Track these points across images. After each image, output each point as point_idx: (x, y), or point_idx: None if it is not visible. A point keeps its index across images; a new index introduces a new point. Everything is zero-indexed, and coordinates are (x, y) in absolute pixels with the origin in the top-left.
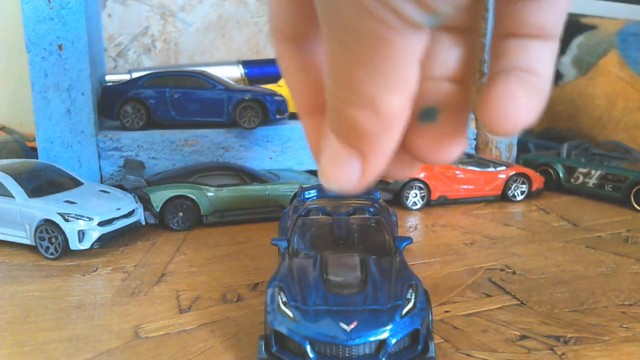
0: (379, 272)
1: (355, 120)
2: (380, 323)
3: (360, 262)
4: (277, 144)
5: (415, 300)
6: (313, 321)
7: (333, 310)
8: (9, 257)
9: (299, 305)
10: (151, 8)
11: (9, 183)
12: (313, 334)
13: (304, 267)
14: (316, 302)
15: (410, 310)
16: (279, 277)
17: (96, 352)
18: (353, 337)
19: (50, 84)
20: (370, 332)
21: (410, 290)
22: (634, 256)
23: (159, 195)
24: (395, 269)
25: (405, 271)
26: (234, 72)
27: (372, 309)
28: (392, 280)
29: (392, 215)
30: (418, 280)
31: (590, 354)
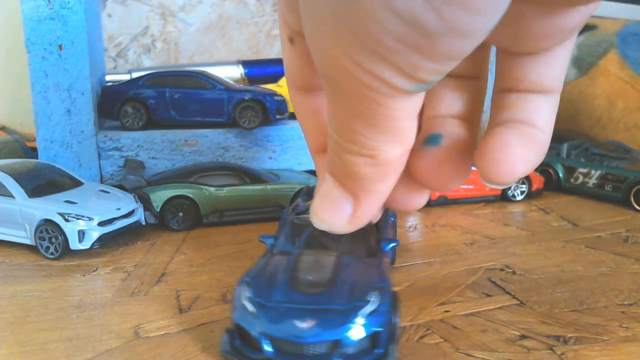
0: (350, 273)
1: (353, 166)
2: (336, 323)
3: (335, 262)
4: (277, 144)
5: (379, 303)
6: (272, 317)
7: (293, 308)
8: (9, 257)
9: (262, 302)
10: (151, 8)
11: (9, 183)
12: (270, 330)
13: (277, 265)
14: (279, 300)
15: (371, 312)
16: (251, 273)
17: (96, 351)
18: (308, 336)
19: (50, 84)
20: (326, 332)
21: (375, 293)
22: (633, 256)
23: (159, 195)
24: (368, 271)
25: (377, 273)
26: (234, 72)
27: (331, 309)
28: (359, 282)
29: (390, 216)
30: (387, 283)
31: (589, 354)
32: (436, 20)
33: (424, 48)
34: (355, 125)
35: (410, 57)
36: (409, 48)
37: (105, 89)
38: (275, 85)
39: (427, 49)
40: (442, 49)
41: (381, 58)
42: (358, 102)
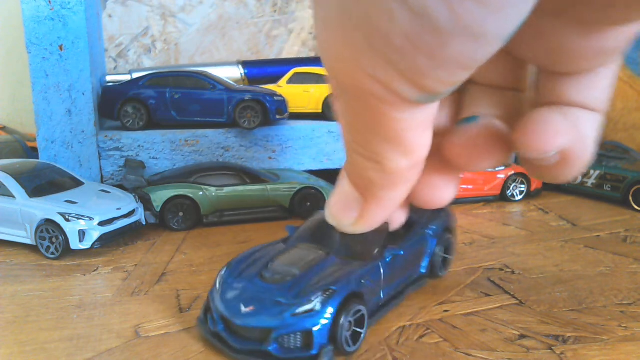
0: (318, 272)
1: (361, 169)
2: (271, 314)
3: (314, 260)
4: (277, 144)
5: (318, 305)
6: (226, 297)
7: (246, 292)
8: (9, 256)
9: (228, 282)
10: (151, 9)
11: (9, 183)
12: (221, 307)
13: (266, 252)
14: (240, 283)
15: (306, 311)
16: (242, 255)
17: (97, 351)
18: (243, 319)
19: (51, 84)
20: (259, 320)
21: (319, 294)
22: (632, 256)
23: (160, 195)
24: (335, 273)
25: (341, 277)
26: (234, 72)
27: (274, 301)
28: (317, 282)
29: (430, 229)
30: (344, 289)
31: (589, 353)
32: (447, 13)
33: (433, 49)
34: (360, 128)
35: (417, 60)
36: (416, 48)
37: (106, 89)
38: (275, 85)
39: (435, 51)
40: (452, 52)
41: (386, 61)
42: (362, 107)
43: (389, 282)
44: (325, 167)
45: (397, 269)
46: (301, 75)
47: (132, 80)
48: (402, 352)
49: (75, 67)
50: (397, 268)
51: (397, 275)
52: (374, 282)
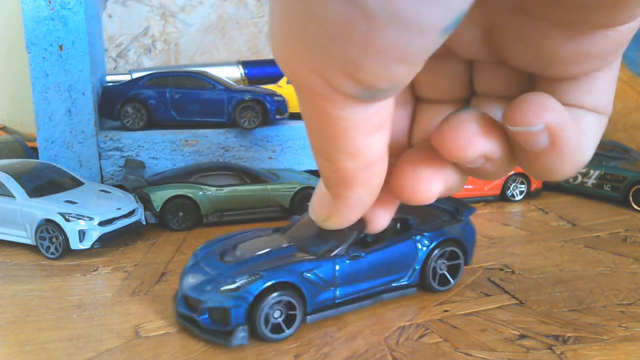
0: (266, 259)
1: (322, 168)
2: (205, 289)
3: (272, 248)
4: (277, 144)
5: (240, 285)
6: (186, 271)
7: (202, 268)
8: (9, 256)
9: (195, 259)
10: (151, 9)
11: (9, 183)
12: (181, 280)
13: (246, 236)
14: (202, 260)
15: (228, 290)
16: (221, 237)
17: (97, 351)
18: (189, 291)
19: (51, 84)
20: (196, 292)
21: (245, 277)
22: (632, 256)
23: (160, 195)
24: (278, 263)
25: (280, 267)
26: (234, 72)
27: (215, 278)
28: (256, 267)
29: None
30: (272, 277)
31: (589, 353)
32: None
33: (365, 38)
34: (312, 127)
35: (351, 50)
36: (349, 37)
37: (106, 89)
38: (275, 85)
39: (368, 40)
40: (384, 42)
41: (324, 52)
42: (309, 105)
43: (349, 282)
44: None
45: (363, 270)
46: None
47: (132, 80)
48: (402, 352)
49: (75, 67)
50: (364, 270)
51: (363, 277)
52: (322, 278)
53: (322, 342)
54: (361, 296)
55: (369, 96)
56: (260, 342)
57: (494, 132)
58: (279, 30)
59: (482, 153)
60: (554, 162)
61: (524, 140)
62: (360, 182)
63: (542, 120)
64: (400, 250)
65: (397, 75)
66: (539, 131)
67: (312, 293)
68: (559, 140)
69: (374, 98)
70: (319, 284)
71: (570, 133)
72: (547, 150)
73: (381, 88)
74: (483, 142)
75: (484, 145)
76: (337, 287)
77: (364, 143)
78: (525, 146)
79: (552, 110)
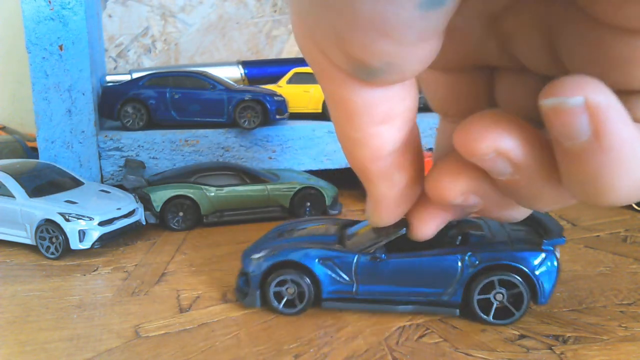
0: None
1: (346, 157)
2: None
3: (320, 235)
4: (277, 144)
5: (262, 259)
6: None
7: (261, 241)
8: (9, 256)
9: (267, 234)
10: (151, 9)
11: (9, 183)
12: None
13: (313, 223)
14: (269, 235)
15: (254, 259)
16: (300, 220)
17: (97, 351)
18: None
19: (51, 84)
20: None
21: (267, 251)
22: (632, 256)
23: (160, 195)
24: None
25: (295, 246)
26: (234, 72)
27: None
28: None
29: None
30: (283, 255)
31: (589, 353)
32: None
33: (345, 8)
34: (329, 109)
35: (335, 20)
36: (331, 6)
37: (106, 89)
38: (275, 85)
39: (348, 10)
40: (364, 14)
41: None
42: (320, 82)
43: (370, 281)
44: (325, 167)
45: (386, 273)
46: (301, 75)
47: (132, 80)
48: (402, 352)
49: (75, 67)
50: (387, 273)
51: (386, 280)
52: (340, 269)
53: (322, 342)
54: (386, 299)
55: (365, 74)
56: (260, 342)
57: (515, 129)
58: (290, 8)
59: (496, 148)
60: (602, 169)
61: (561, 126)
62: (378, 175)
63: (581, 92)
64: (435, 264)
65: (385, 52)
66: (576, 106)
67: (329, 280)
68: (605, 132)
69: (372, 78)
70: (337, 274)
71: (621, 127)
72: (591, 148)
73: (372, 65)
74: (496, 135)
75: (497, 139)
76: (357, 283)
77: (370, 131)
78: (563, 138)
79: (595, 86)
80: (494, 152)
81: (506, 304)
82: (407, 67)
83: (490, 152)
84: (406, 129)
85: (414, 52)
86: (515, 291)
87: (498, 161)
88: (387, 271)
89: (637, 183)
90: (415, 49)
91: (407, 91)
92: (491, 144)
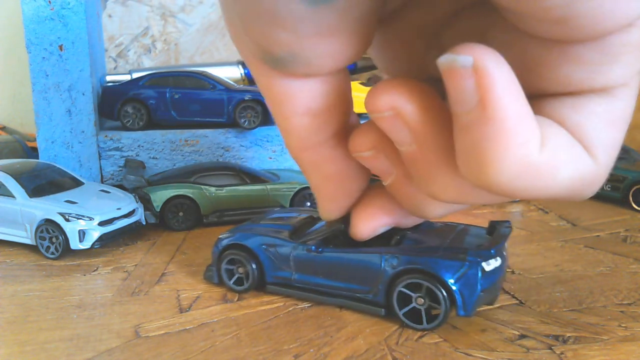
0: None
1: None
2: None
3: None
4: (277, 144)
5: (222, 238)
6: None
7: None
8: (9, 256)
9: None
10: (151, 8)
11: (9, 183)
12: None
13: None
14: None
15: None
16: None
17: (97, 351)
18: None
19: (51, 84)
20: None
21: (231, 232)
22: (632, 256)
23: (160, 195)
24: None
25: (249, 231)
26: (234, 72)
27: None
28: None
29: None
30: (234, 238)
31: (589, 353)
32: None
33: (249, 1)
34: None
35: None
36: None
37: (106, 89)
38: None
39: (252, 3)
40: (263, 6)
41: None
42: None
43: (305, 272)
44: None
45: (319, 266)
46: None
47: (132, 80)
48: (402, 352)
49: (75, 67)
50: (320, 266)
51: (319, 272)
52: (279, 257)
53: (322, 342)
54: (321, 291)
55: (273, 62)
56: (260, 342)
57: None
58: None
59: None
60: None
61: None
62: (307, 165)
63: (471, 53)
64: (362, 262)
65: (284, 42)
66: (465, 66)
67: (271, 266)
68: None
69: (282, 67)
70: (276, 261)
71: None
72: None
73: (277, 53)
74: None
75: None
76: (294, 271)
77: (294, 121)
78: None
79: (488, 53)
80: (390, 110)
81: (423, 308)
82: (314, 60)
83: (386, 109)
84: (335, 123)
85: (317, 45)
86: (436, 298)
87: (396, 123)
88: (321, 264)
89: (519, 166)
90: (318, 43)
91: (332, 87)
92: (388, 101)
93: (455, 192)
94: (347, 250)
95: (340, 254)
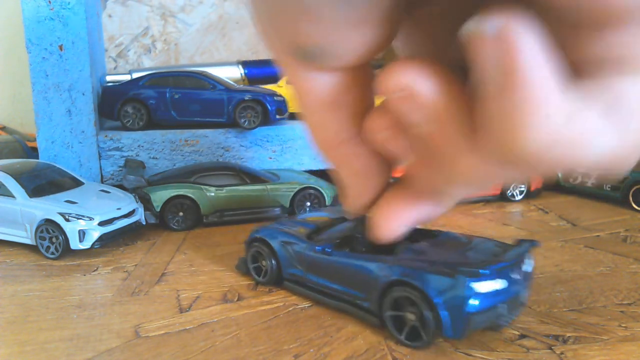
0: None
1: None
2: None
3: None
4: (277, 144)
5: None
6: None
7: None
8: (9, 256)
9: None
10: (151, 8)
11: (9, 183)
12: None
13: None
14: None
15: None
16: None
17: (97, 351)
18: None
19: (51, 84)
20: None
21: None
22: (632, 255)
23: (159, 195)
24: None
25: (274, 228)
26: (234, 72)
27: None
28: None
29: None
30: (259, 232)
31: (589, 353)
32: None
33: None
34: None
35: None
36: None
37: (106, 89)
38: (275, 85)
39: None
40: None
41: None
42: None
43: (316, 272)
44: (326, 167)
45: (328, 268)
46: None
47: (132, 80)
48: (402, 352)
49: (75, 67)
50: (328, 268)
51: (328, 275)
52: (295, 255)
53: (322, 342)
54: (329, 293)
55: (302, 55)
56: (260, 342)
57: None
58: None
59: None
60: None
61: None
62: (335, 161)
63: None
64: (361, 268)
65: (313, 33)
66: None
67: (287, 262)
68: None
69: (310, 60)
70: (292, 259)
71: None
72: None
73: (306, 46)
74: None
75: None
76: (306, 271)
77: (320, 117)
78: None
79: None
80: (401, 90)
81: (413, 324)
82: (343, 51)
83: (398, 88)
84: (357, 120)
85: (345, 36)
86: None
87: (409, 102)
88: (330, 266)
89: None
90: (346, 33)
91: (359, 81)
92: (402, 79)
93: (478, 171)
94: (352, 255)
95: (346, 258)
